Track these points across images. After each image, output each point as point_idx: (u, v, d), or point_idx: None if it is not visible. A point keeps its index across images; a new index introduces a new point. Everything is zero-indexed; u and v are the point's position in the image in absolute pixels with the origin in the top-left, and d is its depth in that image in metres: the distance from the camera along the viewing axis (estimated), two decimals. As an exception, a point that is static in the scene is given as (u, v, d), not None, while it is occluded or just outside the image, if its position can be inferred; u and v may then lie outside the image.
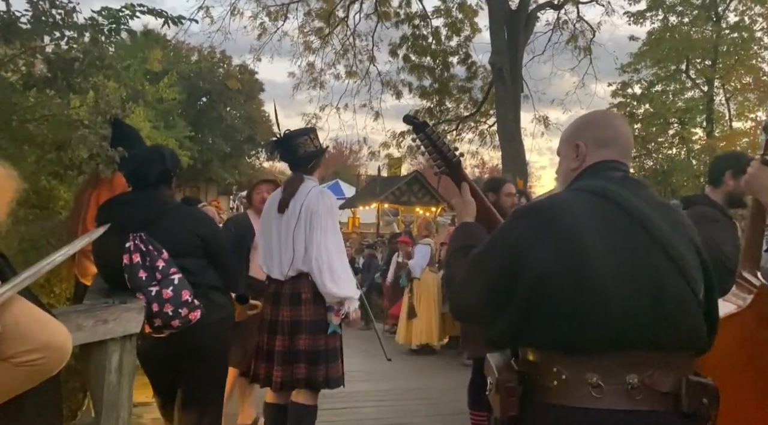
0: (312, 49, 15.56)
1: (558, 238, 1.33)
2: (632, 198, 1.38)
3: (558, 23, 14.78)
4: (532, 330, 1.34)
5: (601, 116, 1.62)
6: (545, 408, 1.34)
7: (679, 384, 1.30)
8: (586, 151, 1.51)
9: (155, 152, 2.67)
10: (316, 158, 3.17)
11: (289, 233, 3.02)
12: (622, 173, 1.46)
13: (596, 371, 1.29)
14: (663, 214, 1.39)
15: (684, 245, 1.37)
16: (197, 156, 23.26)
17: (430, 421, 4.50)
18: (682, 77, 19.92)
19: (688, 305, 1.33)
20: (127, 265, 2.44)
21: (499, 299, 1.36)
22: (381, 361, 6.99)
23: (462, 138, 17.08)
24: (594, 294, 1.29)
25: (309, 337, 2.95)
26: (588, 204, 1.37)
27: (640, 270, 1.31)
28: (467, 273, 1.47)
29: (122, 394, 2.15)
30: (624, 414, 1.27)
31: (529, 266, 1.32)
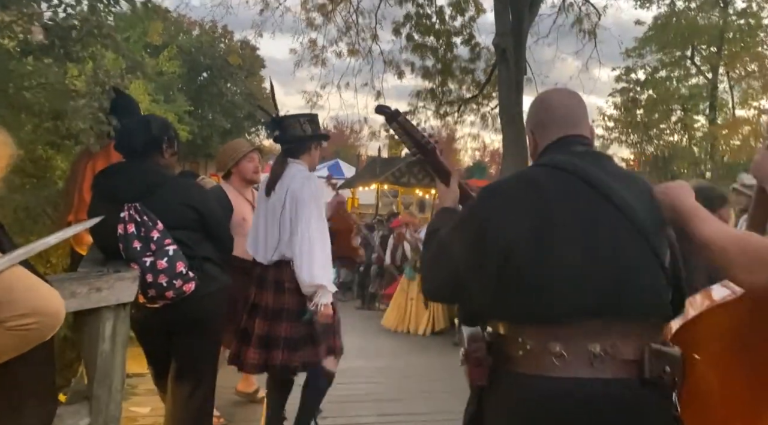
0: (314, 26, 15.35)
1: (523, 211, 1.37)
2: (595, 170, 1.41)
3: (564, 5, 14.61)
4: (500, 302, 1.38)
5: (539, 100, 1.64)
6: (511, 377, 1.37)
7: (641, 352, 1.33)
8: (535, 136, 1.57)
9: (142, 121, 2.65)
10: (300, 143, 3.11)
11: (275, 218, 3.00)
12: (584, 146, 1.50)
13: (559, 340, 1.32)
14: (625, 184, 1.43)
15: (647, 213, 1.40)
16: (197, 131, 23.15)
17: (423, 397, 4.55)
18: (687, 63, 19.77)
19: (651, 273, 1.36)
20: (122, 235, 2.44)
21: (470, 273, 1.40)
22: (376, 339, 7.07)
23: (464, 120, 16.97)
24: (557, 264, 1.33)
25: (289, 325, 2.95)
26: (552, 177, 1.42)
27: (602, 239, 1.35)
28: (439, 250, 1.50)
29: (115, 362, 2.16)
30: (586, 381, 1.30)
31: (497, 239, 1.36)
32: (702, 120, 20.00)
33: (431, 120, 16.67)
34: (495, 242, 1.36)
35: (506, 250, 1.35)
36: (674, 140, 20.28)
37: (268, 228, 3.04)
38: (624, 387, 1.31)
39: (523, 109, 12.26)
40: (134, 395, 3.97)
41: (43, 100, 3.44)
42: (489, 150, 35.28)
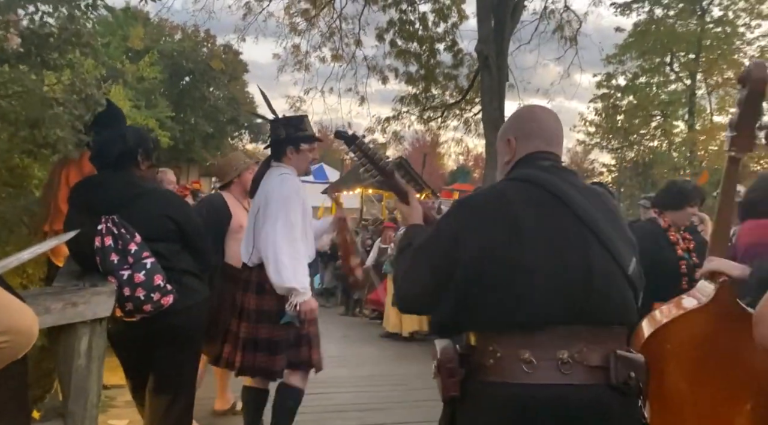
0: (298, 31, 15.34)
1: (493, 222, 1.43)
2: (560, 183, 1.48)
3: (545, 12, 14.75)
4: (470, 311, 1.41)
5: (528, 111, 1.70)
6: (482, 386, 1.41)
7: (608, 358, 1.37)
8: (516, 144, 1.61)
9: (118, 133, 2.60)
10: (276, 147, 3.10)
11: (252, 220, 3.03)
12: (551, 162, 1.56)
13: (528, 347, 1.36)
14: (590, 197, 1.49)
15: (610, 224, 1.46)
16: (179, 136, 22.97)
17: (405, 407, 4.53)
18: (666, 70, 20.08)
19: (616, 282, 1.41)
20: (98, 248, 2.40)
21: (441, 283, 1.44)
22: (359, 347, 7.04)
23: (447, 125, 17.08)
24: (524, 273, 1.37)
25: (269, 327, 2.94)
26: (520, 191, 1.48)
27: (568, 249, 1.40)
28: (412, 262, 1.54)
29: (91, 378, 2.13)
30: (555, 387, 1.34)
31: (467, 249, 1.41)
32: (681, 126, 20.33)
33: (415, 125, 16.79)
34: (465, 253, 1.41)
35: (476, 260, 1.39)
36: (654, 145, 20.56)
37: (249, 231, 3.06)
38: (592, 393, 1.35)
39: (506, 115, 12.36)
40: (112, 407, 3.92)
41: (19, 108, 3.39)
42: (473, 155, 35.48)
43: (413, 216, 1.82)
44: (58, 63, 3.55)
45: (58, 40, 3.44)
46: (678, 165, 19.12)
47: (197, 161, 26.11)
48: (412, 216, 1.82)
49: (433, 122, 16.63)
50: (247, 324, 2.97)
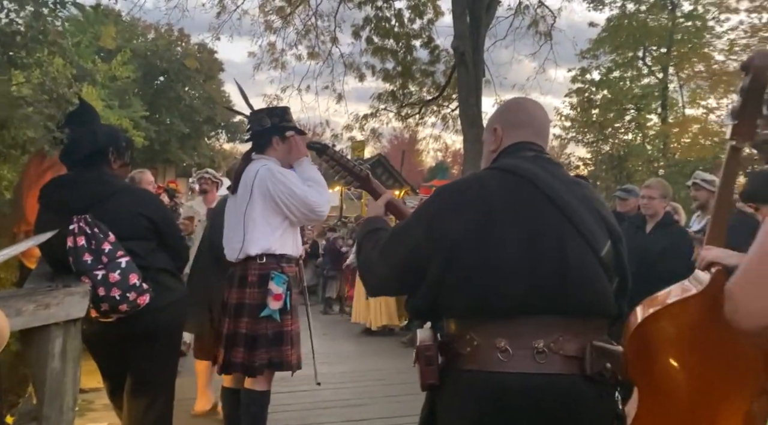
0: (273, 29, 15.23)
1: (471, 210, 1.43)
2: (540, 173, 1.48)
3: (519, 8, 14.85)
4: (447, 297, 1.42)
5: (516, 102, 1.72)
6: (460, 374, 1.42)
7: (584, 348, 1.38)
8: (502, 134, 1.62)
9: (89, 131, 2.56)
10: (260, 137, 3.06)
11: (239, 215, 2.95)
12: (535, 152, 1.57)
13: (505, 336, 1.36)
14: (570, 188, 1.50)
15: (589, 215, 1.47)
16: (154, 137, 22.68)
17: (387, 401, 4.55)
18: (639, 64, 20.35)
19: (593, 273, 1.41)
20: (71, 248, 2.36)
21: (418, 268, 1.45)
22: (339, 344, 7.04)
23: (425, 122, 17.10)
24: (501, 262, 1.38)
25: (250, 321, 2.89)
26: (499, 180, 1.48)
27: (545, 239, 1.40)
28: (388, 244, 1.54)
29: (66, 380, 2.09)
30: (529, 376, 1.35)
31: (444, 236, 1.42)
32: (655, 119, 20.61)
33: (393, 122, 16.78)
34: (443, 238, 1.42)
35: (453, 246, 1.40)
36: (629, 138, 20.83)
37: (232, 226, 3.00)
38: (566, 382, 1.36)
39: (483, 110, 12.43)
40: (90, 411, 3.86)
41: (-14, 108, 3.32)
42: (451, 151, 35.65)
43: (372, 210, 1.85)
44: (26, 62, 3.48)
45: (25, 39, 3.37)
46: (652, 157, 19.41)
47: (173, 162, 25.82)
48: (371, 211, 1.85)
49: (411, 118, 16.65)
50: (229, 319, 2.94)
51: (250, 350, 2.88)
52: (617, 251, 1.49)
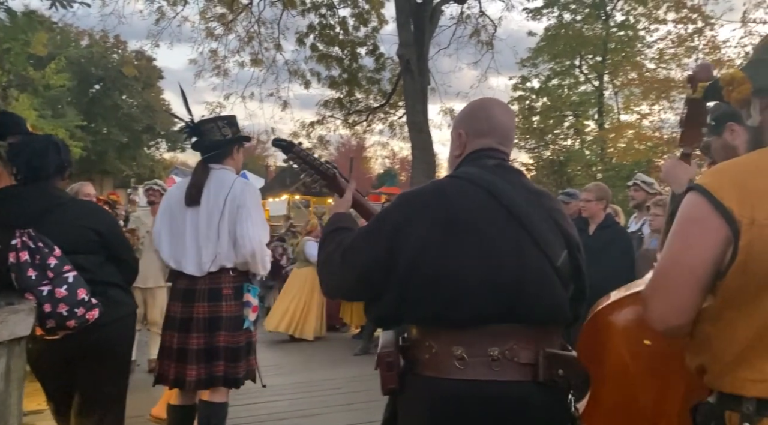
0: (214, 36, 14.98)
1: (430, 219, 1.44)
2: (499, 183, 1.50)
3: (461, 17, 15.16)
4: (408, 305, 1.43)
5: (482, 106, 1.68)
6: (419, 379, 1.44)
7: (537, 355, 1.41)
8: (466, 139, 1.63)
9: (49, 142, 2.47)
10: (221, 148, 3.03)
11: (211, 227, 2.90)
12: (497, 160, 1.59)
13: (461, 344, 1.39)
14: (529, 198, 1.52)
15: (547, 226, 1.49)
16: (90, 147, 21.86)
17: (343, 410, 4.53)
18: (576, 72, 21.13)
19: (547, 281, 1.45)
20: (13, 264, 2.25)
21: (381, 275, 1.46)
22: (291, 353, 6.95)
23: (372, 129, 17.19)
24: (456, 272, 1.40)
25: (228, 334, 2.87)
26: (460, 189, 1.50)
27: (501, 249, 1.43)
28: (349, 251, 1.53)
29: (10, 402, 1.98)
30: (484, 383, 1.38)
31: (407, 244, 1.43)
32: (592, 125, 21.42)
33: (340, 129, 16.78)
34: (404, 246, 1.43)
35: (414, 255, 1.41)
36: (568, 144, 21.57)
37: (200, 239, 2.92)
38: (520, 389, 1.39)
39: (429, 117, 12.60)
40: (32, 435, 3.67)
41: None
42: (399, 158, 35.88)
43: (341, 206, 1.84)
44: (-44, 69, 3.29)
45: (-46, 45, 3.19)
46: (590, 162, 20.15)
47: (111, 172, 24.95)
48: (340, 206, 1.84)
49: (358, 126, 16.68)
50: (198, 334, 2.86)
51: (233, 361, 2.87)
52: (574, 259, 1.52)
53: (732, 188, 1.15)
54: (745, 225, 1.12)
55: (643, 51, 19.44)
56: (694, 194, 1.19)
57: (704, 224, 1.15)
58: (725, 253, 1.14)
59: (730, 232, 1.13)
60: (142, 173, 24.07)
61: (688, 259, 1.17)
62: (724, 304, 1.17)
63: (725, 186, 1.15)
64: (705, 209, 1.16)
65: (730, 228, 1.13)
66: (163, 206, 3.12)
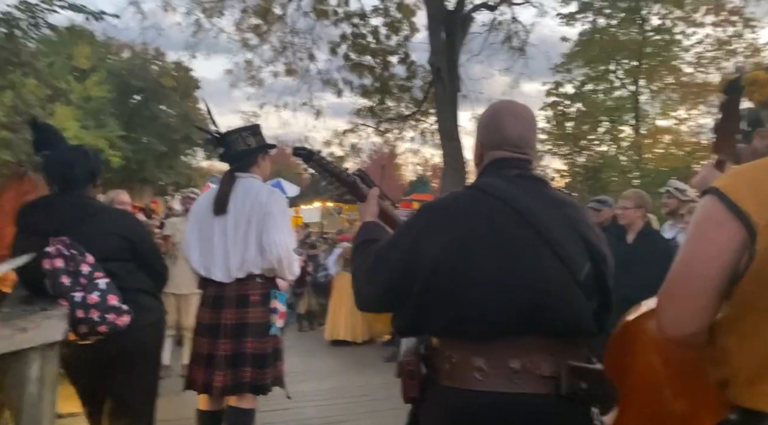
0: (249, 47, 15.27)
1: (450, 232, 1.43)
2: (519, 194, 1.47)
3: (493, 24, 15.10)
4: (427, 318, 1.43)
5: (494, 116, 1.63)
6: (439, 390, 1.44)
7: (559, 368, 1.39)
8: (482, 151, 1.62)
9: (80, 152, 2.57)
10: (246, 157, 3.09)
11: (239, 234, 2.96)
12: (518, 169, 1.55)
13: (481, 355, 1.38)
14: (552, 208, 1.48)
15: (569, 236, 1.46)
16: (131, 156, 22.46)
17: (372, 417, 4.54)
18: (611, 77, 20.79)
19: (568, 293, 1.42)
20: (48, 270, 2.33)
21: (401, 288, 1.45)
22: (321, 360, 6.99)
23: (403, 137, 17.23)
24: (474, 286, 1.38)
25: (255, 340, 2.91)
26: (478, 201, 1.48)
27: (521, 261, 1.40)
28: (374, 264, 1.54)
29: (44, 406, 2.05)
30: (504, 395, 1.36)
31: (426, 258, 1.42)
32: (628, 130, 21.02)
33: (372, 137, 16.87)
34: (424, 259, 1.42)
35: (431, 268, 1.41)
36: (603, 150, 21.20)
37: (228, 246, 2.98)
38: (540, 402, 1.37)
39: (460, 124, 12.58)
40: (68, 436, 3.78)
41: (-41, 131, 3.28)
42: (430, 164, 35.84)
43: (366, 213, 1.83)
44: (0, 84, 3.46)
45: (-2, 61, 3.35)
46: (626, 168, 19.77)
47: (150, 181, 25.55)
48: (367, 213, 1.83)
49: (389, 133, 16.75)
50: (226, 340, 2.91)
51: (260, 368, 2.90)
52: (599, 272, 1.48)
53: (749, 190, 1.11)
54: (762, 228, 1.08)
55: (681, 55, 19.02)
56: (710, 196, 1.15)
57: (719, 227, 1.12)
58: (741, 257, 1.10)
59: (746, 235, 1.09)
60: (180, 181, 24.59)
61: (701, 263, 1.14)
62: (741, 312, 1.13)
63: (742, 188, 1.12)
64: (720, 212, 1.12)
65: (747, 231, 1.09)
66: (193, 215, 3.19)
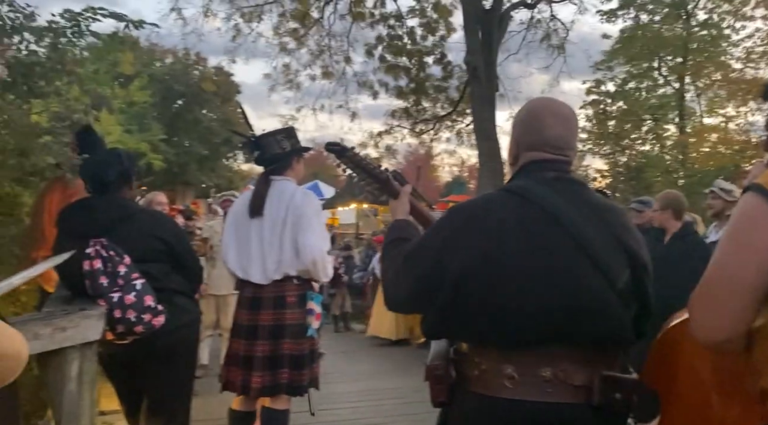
0: (287, 51, 15.48)
1: (481, 236, 1.38)
2: (555, 199, 1.41)
3: (531, 22, 14.90)
4: (455, 323, 1.40)
5: (533, 116, 1.55)
6: (467, 395, 1.40)
7: (592, 378, 1.34)
8: (518, 151, 1.56)
9: (112, 155, 2.63)
10: (280, 160, 3.12)
11: (274, 236, 2.99)
12: (556, 172, 1.48)
13: (511, 363, 1.34)
14: (590, 213, 1.42)
15: (607, 243, 1.39)
16: (173, 159, 23.05)
17: (407, 420, 4.52)
18: (655, 74, 20.24)
19: (604, 301, 1.36)
20: (87, 271, 2.40)
21: (429, 291, 1.42)
22: (356, 362, 7.01)
23: (439, 137, 17.15)
24: (509, 292, 1.34)
25: (293, 342, 2.93)
26: (511, 205, 1.42)
27: (555, 268, 1.35)
28: (403, 265, 1.51)
29: (83, 403, 2.11)
30: (535, 404, 1.32)
31: (455, 262, 1.38)
32: (672, 129, 20.43)
33: (407, 138, 16.85)
34: (451, 266, 1.38)
35: (462, 273, 1.37)
36: (646, 149, 20.65)
37: (264, 248, 3.01)
38: (572, 412, 1.33)
39: (497, 124, 12.44)
40: (110, 433, 3.89)
41: (7, 137, 3.42)
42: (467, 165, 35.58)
43: (399, 210, 1.80)
44: (45, 91, 3.58)
45: (44, 69, 3.47)
46: (671, 168, 19.21)
47: (192, 183, 26.16)
48: (398, 210, 1.80)
49: (425, 134, 16.70)
50: (264, 341, 2.93)
51: (298, 369, 2.92)
52: (638, 279, 1.42)
53: None
54: None
55: (729, 50, 18.37)
56: (751, 193, 1.08)
57: (759, 226, 1.05)
58: None
59: None
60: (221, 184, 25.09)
61: (736, 263, 1.06)
62: None
63: None
64: (761, 210, 1.05)
65: None
66: (230, 218, 3.24)
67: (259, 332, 2.95)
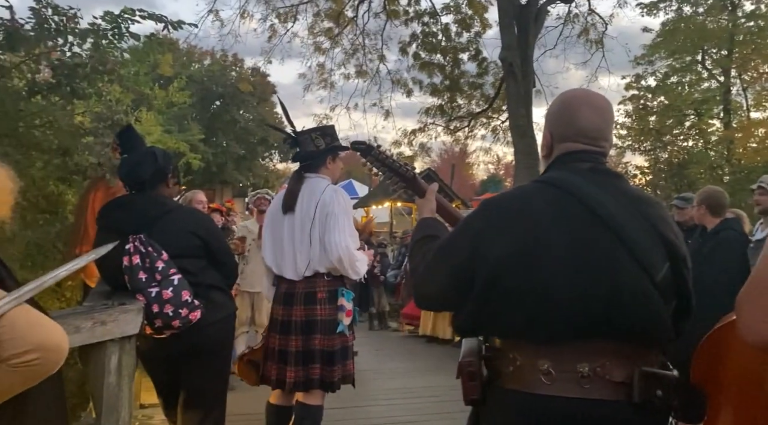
0: (322, 50, 15.59)
1: (516, 229, 1.35)
2: (592, 189, 1.37)
3: (569, 17, 14.64)
4: (489, 318, 1.36)
5: (567, 106, 1.51)
6: (502, 392, 1.37)
7: (632, 374, 1.29)
8: (552, 142, 1.52)
9: (147, 153, 2.69)
10: (315, 158, 3.14)
11: (304, 233, 3.01)
12: (590, 163, 1.44)
13: (548, 358, 1.30)
14: (626, 205, 1.38)
15: (645, 235, 1.35)
16: (211, 159, 23.50)
17: (440, 418, 4.49)
18: (698, 68, 19.60)
19: (644, 295, 1.32)
20: (127, 267, 2.46)
21: (462, 285, 1.39)
22: (391, 360, 7.00)
23: (474, 135, 17.02)
24: (546, 285, 1.30)
25: (324, 337, 2.96)
26: (547, 196, 1.38)
27: (593, 260, 1.31)
28: (433, 260, 1.48)
29: (122, 395, 2.16)
30: (572, 401, 1.28)
31: (489, 255, 1.35)
32: (717, 124, 19.75)
33: (441, 136, 16.77)
34: (485, 259, 1.35)
35: (496, 266, 1.34)
36: (689, 145, 20.04)
37: (295, 245, 3.04)
38: (611, 409, 1.28)
39: (533, 121, 12.26)
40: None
41: (51, 137, 3.52)
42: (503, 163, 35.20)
43: (425, 209, 1.78)
44: (87, 92, 3.68)
45: (86, 70, 3.57)
46: (715, 164, 18.59)
47: (230, 183, 26.64)
48: (425, 208, 1.78)
49: (460, 132, 16.60)
50: (297, 337, 2.96)
51: (329, 365, 2.94)
52: (678, 273, 1.37)
53: None
54: None
55: (778, 42, 17.64)
56: None
57: None
58: None
59: None
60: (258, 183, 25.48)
61: None
62: None
63: None
64: None
65: None
66: (268, 215, 3.30)
67: (292, 327, 2.98)
